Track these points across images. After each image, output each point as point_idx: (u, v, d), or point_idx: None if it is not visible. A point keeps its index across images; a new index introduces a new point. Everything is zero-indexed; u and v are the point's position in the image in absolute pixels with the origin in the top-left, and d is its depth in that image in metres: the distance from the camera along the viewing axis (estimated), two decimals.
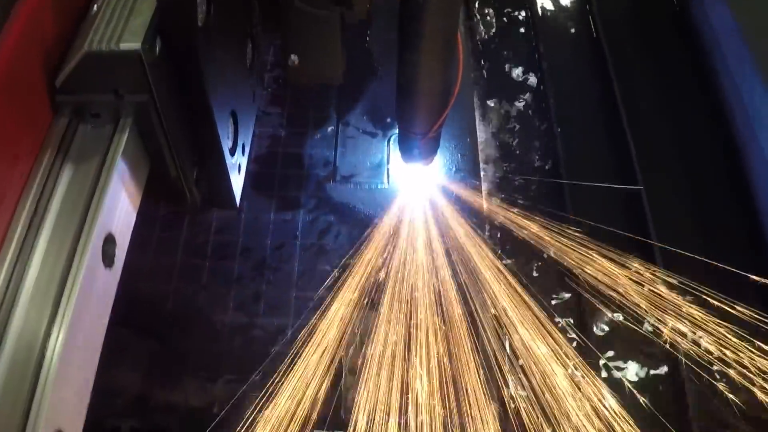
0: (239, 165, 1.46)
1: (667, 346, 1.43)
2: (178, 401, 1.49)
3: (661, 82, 2.00)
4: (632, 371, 1.52)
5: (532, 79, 2.04)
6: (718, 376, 1.41)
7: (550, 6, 2.20)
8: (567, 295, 1.59)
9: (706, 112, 1.92)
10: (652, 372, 1.52)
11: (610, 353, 1.53)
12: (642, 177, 1.74)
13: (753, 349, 1.37)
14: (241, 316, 1.58)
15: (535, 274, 1.63)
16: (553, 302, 1.58)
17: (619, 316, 1.52)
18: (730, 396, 1.38)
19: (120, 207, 1.12)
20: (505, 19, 2.18)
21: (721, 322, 1.40)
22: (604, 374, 1.49)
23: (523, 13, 2.19)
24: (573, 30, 2.16)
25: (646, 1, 2.22)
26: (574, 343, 1.50)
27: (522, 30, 2.16)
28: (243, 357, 1.52)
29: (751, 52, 1.76)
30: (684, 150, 1.85)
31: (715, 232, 1.71)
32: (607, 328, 1.55)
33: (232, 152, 1.40)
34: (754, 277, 1.42)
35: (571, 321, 1.55)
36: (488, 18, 2.18)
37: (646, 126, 1.86)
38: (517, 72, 2.06)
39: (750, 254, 1.67)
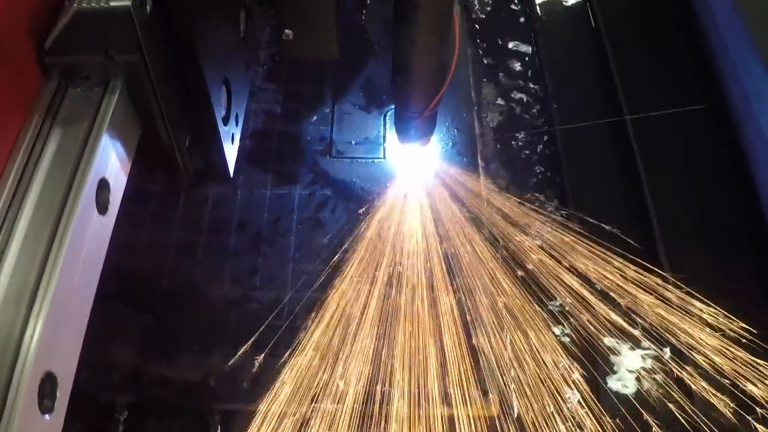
0: (232, 135, 1.45)
1: None
2: (174, 375, 1.47)
3: (661, 69, 1.98)
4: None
5: (528, 56, 2.03)
6: None
7: None
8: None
9: (709, 104, 1.88)
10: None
11: None
12: (645, 175, 1.72)
13: None
14: (237, 289, 1.57)
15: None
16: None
17: None
18: None
19: (113, 158, 1.11)
20: None
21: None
22: None
23: None
24: (568, 3, 2.14)
25: None
26: None
27: (518, 9, 2.15)
28: (239, 330, 1.51)
29: (749, 34, 1.74)
30: (686, 146, 1.82)
31: (716, 231, 1.68)
32: None
33: (226, 121, 1.39)
34: None
35: None
36: None
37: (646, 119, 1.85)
38: (513, 50, 2.05)
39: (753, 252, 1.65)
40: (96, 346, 1.43)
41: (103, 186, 1.06)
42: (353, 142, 1.80)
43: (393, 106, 1.77)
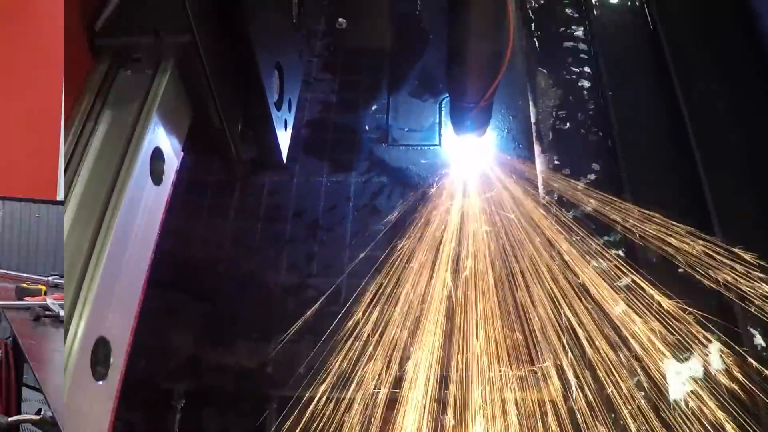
0: (285, 120, 1.44)
1: None
2: (231, 363, 1.48)
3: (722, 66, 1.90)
4: None
5: (582, 44, 1.97)
6: None
7: None
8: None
9: None
10: None
11: None
12: (704, 172, 1.65)
13: None
14: (294, 276, 1.57)
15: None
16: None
17: None
18: None
19: (166, 132, 1.10)
20: None
21: None
22: None
23: None
24: None
25: None
26: None
27: None
28: (296, 317, 1.50)
29: None
30: (747, 141, 1.74)
31: None
32: None
33: (278, 106, 1.39)
34: None
35: None
36: None
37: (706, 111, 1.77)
38: (567, 38, 2.00)
39: None
40: (153, 334, 1.45)
41: (157, 155, 1.06)
42: (408, 130, 1.79)
43: (447, 95, 1.76)
